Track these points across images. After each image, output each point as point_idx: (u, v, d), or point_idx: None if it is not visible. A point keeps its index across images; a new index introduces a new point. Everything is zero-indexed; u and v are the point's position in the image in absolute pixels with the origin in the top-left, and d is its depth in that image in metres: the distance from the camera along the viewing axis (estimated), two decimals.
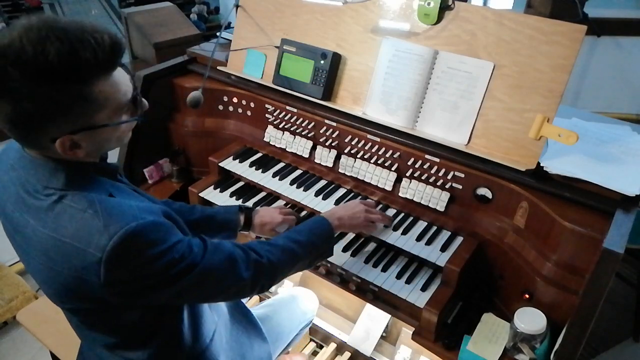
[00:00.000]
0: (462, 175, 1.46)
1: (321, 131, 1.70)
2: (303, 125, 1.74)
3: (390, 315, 1.64)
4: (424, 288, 1.40)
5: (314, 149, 1.75)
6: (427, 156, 1.50)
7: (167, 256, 0.94)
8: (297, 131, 1.77)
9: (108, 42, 0.87)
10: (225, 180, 1.84)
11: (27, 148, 0.96)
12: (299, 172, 1.79)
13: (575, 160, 1.35)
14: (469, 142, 1.45)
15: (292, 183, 1.72)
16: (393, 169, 1.59)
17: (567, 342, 1.12)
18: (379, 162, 1.60)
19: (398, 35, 1.54)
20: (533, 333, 1.24)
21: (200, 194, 1.77)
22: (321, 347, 2.03)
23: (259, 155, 1.88)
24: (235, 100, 1.89)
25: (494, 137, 1.41)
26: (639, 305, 2.36)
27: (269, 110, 1.81)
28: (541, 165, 1.33)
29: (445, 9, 1.45)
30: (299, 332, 1.73)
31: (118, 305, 0.99)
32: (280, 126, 1.81)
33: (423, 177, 1.53)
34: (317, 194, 1.67)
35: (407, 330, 1.83)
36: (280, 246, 1.21)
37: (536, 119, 1.32)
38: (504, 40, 1.37)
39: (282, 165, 1.83)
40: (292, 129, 1.78)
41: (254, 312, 1.55)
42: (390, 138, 1.55)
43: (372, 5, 1.58)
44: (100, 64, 0.87)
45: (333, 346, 1.97)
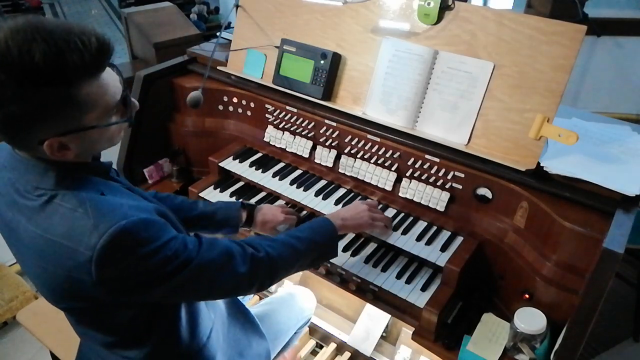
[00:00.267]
0: (462, 175, 1.46)
1: (321, 131, 1.70)
2: (303, 125, 1.74)
3: (390, 315, 1.64)
4: (424, 288, 1.40)
5: (314, 149, 1.75)
6: (427, 156, 1.50)
7: (159, 254, 0.93)
8: (297, 131, 1.77)
9: (95, 44, 0.86)
10: (225, 180, 1.84)
11: (17, 149, 0.96)
12: (299, 172, 1.79)
13: (575, 160, 1.35)
14: (469, 142, 1.45)
15: (292, 183, 1.72)
16: (393, 169, 1.59)
17: (567, 342, 1.12)
18: (379, 162, 1.60)
19: (398, 35, 1.54)
20: (533, 333, 1.24)
21: (200, 194, 1.77)
22: (321, 347, 2.03)
23: (259, 155, 1.88)
24: (235, 100, 1.89)
25: (494, 137, 1.42)
26: (639, 305, 2.36)
27: (269, 110, 1.81)
28: (541, 165, 1.33)
29: (445, 9, 1.45)
30: (298, 330, 1.73)
31: (112, 303, 0.99)
32: (280, 126, 1.81)
33: (423, 177, 1.53)
34: (317, 194, 1.67)
35: (407, 330, 1.83)
36: (280, 241, 1.20)
37: (536, 119, 1.32)
38: (504, 40, 1.37)
39: (282, 165, 1.83)
40: (292, 129, 1.78)
41: (252, 310, 1.55)
42: (390, 138, 1.55)
43: (372, 5, 1.58)
44: (87, 65, 0.86)
45: (333, 346, 1.97)
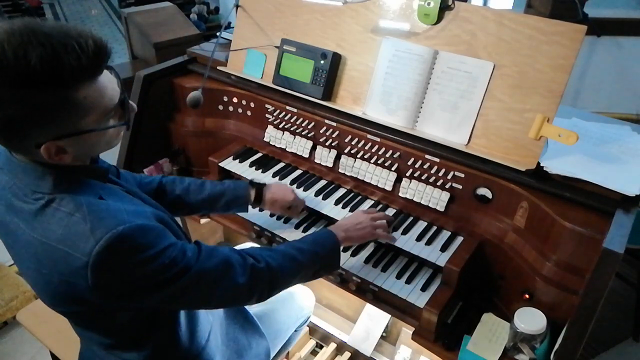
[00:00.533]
0: (462, 175, 1.46)
1: (321, 131, 1.70)
2: (303, 125, 1.74)
3: (390, 315, 1.64)
4: (424, 288, 1.40)
5: (314, 149, 1.75)
6: (427, 156, 1.50)
7: (156, 261, 0.92)
8: (297, 131, 1.77)
9: (92, 47, 0.85)
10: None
11: (14, 153, 0.95)
12: (299, 172, 1.79)
13: (575, 160, 1.35)
14: (469, 142, 1.45)
15: (292, 183, 1.72)
16: (393, 169, 1.59)
17: (567, 342, 1.12)
18: (379, 162, 1.60)
19: (398, 35, 1.54)
20: (533, 333, 1.24)
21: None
22: (321, 347, 2.04)
23: (259, 155, 1.88)
24: (235, 100, 1.89)
25: (494, 137, 1.41)
26: (639, 305, 2.36)
27: (269, 110, 1.81)
28: (541, 165, 1.33)
29: (445, 9, 1.45)
30: (297, 329, 1.73)
31: (110, 308, 0.99)
32: (280, 126, 1.81)
33: (423, 177, 1.53)
34: (317, 194, 1.67)
35: (407, 330, 1.83)
36: (281, 252, 1.18)
37: (536, 119, 1.32)
38: (504, 40, 1.37)
39: (282, 165, 1.83)
40: (292, 129, 1.78)
41: (251, 310, 1.55)
42: (390, 138, 1.55)
43: (372, 5, 1.58)
44: (85, 68, 0.86)
45: (333, 346, 1.97)
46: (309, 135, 1.75)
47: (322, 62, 1.64)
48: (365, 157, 1.63)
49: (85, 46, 0.85)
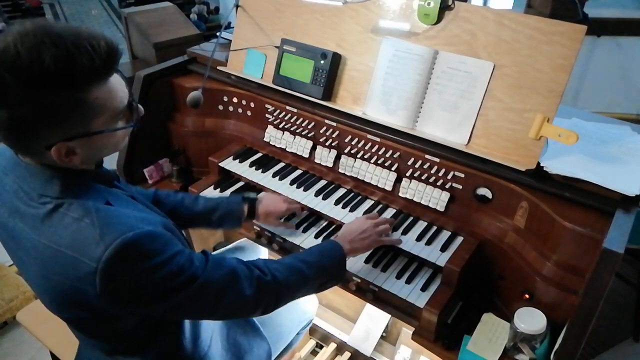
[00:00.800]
0: (462, 175, 1.46)
1: (321, 131, 1.70)
2: (303, 125, 1.74)
3: (390, 315, 1.64)
4: (424, 288, 1.40)
5: (314, 149, 1.75)
6: (427, 156, 1.50)
7: (164, 268, 0.92)
8: (297, 131, 1.77)
9: (105, 48, 0.86)
10: (225, 180, 1.84)
11: (22, 155, 0.95)
12: (299, 172, 1.79)
13: (575, 160, 1.35)
14: (469, 142, 1.45)
15: (292, 183, 1.72)
16: (393, 169, 1.59)
17: (567, 342, 1.12)
18: (379, 162, 1.60)
19: (398, 35, 1.54)
20: (533, 333, 1.24)
21: (200, 194, 1.77)
22: (321, 347, 2.04)
23: (259, 155, 1.88)
24: (235, 100, 1.89)
25: (494, 137, 1.41)
26: (639, 305, 2.36)
27: (269, 110, 1.81)
28: (541, 165, 1.33)
29: (445, 9, 1.45)
30: (300, 332, 1.73)
31: (114, 314, 0.98)
32: (280, 126, 1.81)
33: (423, 177, 1.53)
34: (317, 194, 1.67)
35: (407, 330, 1.83)
36: (287, 265, 1.17)
37: (536, 119, 1.32)
38: (504, 40, 1.37)
39: (282, 165, 1.83)
40: (292, 129, 1.78)
41: None
42: (390, 138, 1.55)
43: (372, 5, 1.58)
44: (97, 70, 0.86)
45: (333, 346, 1.97)
46: (309, 135, 1.75)
47: (322, 62, 1.64)
48: (365, 157, 1.63)
49: (98, 47, 0.85)
